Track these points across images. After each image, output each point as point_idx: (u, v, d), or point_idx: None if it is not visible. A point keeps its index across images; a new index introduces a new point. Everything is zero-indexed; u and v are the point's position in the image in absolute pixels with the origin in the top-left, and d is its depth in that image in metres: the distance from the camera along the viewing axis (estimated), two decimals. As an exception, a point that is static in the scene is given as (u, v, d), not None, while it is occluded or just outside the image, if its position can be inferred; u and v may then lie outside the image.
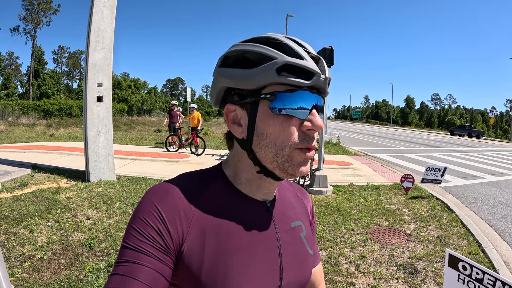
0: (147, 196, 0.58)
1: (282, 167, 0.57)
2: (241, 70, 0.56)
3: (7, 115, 22.01)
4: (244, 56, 0.57)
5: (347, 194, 6.19)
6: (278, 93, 0.55)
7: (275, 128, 0.56)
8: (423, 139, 25.49)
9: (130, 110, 38.74)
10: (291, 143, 0.56)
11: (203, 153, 10.47)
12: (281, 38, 0.57)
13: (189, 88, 16.14)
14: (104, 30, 6.15)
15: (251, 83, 0.56)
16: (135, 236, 0.54)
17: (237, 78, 0.57)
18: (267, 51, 0.55)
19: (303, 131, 0.57)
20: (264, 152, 0.57)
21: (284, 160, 0.57)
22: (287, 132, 0.56)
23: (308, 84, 0.55)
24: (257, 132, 0.57)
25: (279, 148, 0.56)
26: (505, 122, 67.19)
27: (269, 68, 0.54)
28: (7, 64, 47.43)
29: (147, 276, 0.51)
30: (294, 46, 0.56)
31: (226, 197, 0.62)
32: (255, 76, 0.55)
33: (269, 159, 0.57)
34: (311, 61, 0.55)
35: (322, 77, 0.56)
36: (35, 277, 2.82)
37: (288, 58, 0.54)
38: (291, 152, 0.56)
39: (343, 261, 3.49)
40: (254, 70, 0.55)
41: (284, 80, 0.54)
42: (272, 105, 0.55)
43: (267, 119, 0.56)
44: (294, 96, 0.55)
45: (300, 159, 0.57)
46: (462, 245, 4.02)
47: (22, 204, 4.46)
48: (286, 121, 0.56)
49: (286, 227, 0.67)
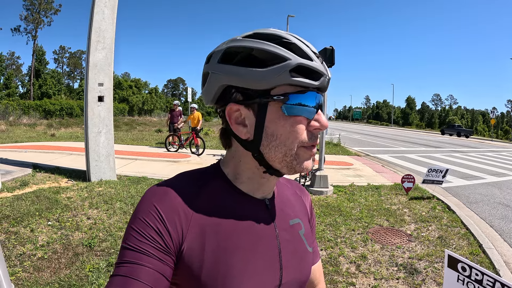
0: (146, 197, 0.58)
1: (290, 165, 0.58)
2: (249, 69, 0.54)
3: (8, 115, 22.05)
4: (251, 54, 0.55)
5: (347, 194, 6.19)
6: (291, 95, 0.54)
7: (285, 129, 0.56)
8: (424, 140, 25.47)
9: (131, 110, 38.76)
10: (300, 143, 0.57)
11: (203, 153, 10.48)
12: (290, 37, 0.56)
13: (190, 88, 16.13)
14: (105, 30, 6.16)
15: (262, 83, 0.54)
16: (135, 237, 0.53)
17: (245, 77, 0.54)
18: (279, 51, 0.53)
19: (310, 131, 0.58)
20: (274, 153, 0.57)
21: (292, 158, 0.57)
22: (296, 132, 0.56)
23: (317, 85, 0.56)
24: (266, 133, 0.56)
25: (289, 148, 0.57)
26: (506, 123, 67.16)
27: (283, 70, 0.53)
28: (8, 64, 47.51)
29: (148, 277, 0.51)
30: (302, 47, 0.56)
31: (225, 196, 0.62)
32: (267, 76, 0.53)
33: (278, 159, 0.58)
34: (318, 62, 0.56)
35: (327, 77, 0.57)
36: (35, 276, 2.83)
37: (300, 60, 0.54)
38: (297, 151, 0.57)
39: (344, 261, 3.49)
40: (266, 71, 0.53)
41: (295, 81, 0.54)
42: (285, 107, 0.55)
43: (278, 120, 0.56)
44: (306, 97, 0.56)
45: (306, 156, 0.59)
46: (462, 246, 4.02)
47: (23, 203, 4.47)
48: (296, 122, 0.56)
49: (285, 225, 0.67)
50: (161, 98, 48.80)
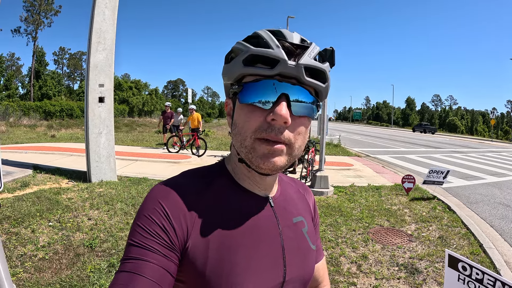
0: (151, 194, 0.59)
1: (248, 157, 0.57)
2: (225, 66, 0.61)
3: (8, 116, 22.03)
4: (232, 52, 0.60)
5: (348, 195, 6.19)
6: (245, 84, 0.56)
7: (241, 118, 0.57)
8: (424, 140, 25.47)
9: (131, 112, 38.73)
10: (251, 133, 0.55)
11: (204, 154, 10.48)
12: (259, 32, 0.58)
13: (190, 89, 16.07)
14: (105, 31, 6.17)
15: (228, 76, 0.60)
16: (140, 233, 0.54)
17: (223, 73, 0.62)
18: (240, 46, 0.58)
19: (268, 121, 0.54)
20: (235, 141, 0.59)
21: (247, 151, 0.57)
22: (249, 122, 0.56)
23: (273, 72, 0.54)
24: (233, 122, 0.60)
25: (243, 138, 0.57)
26: (506, 123, 67.12)
27: (238, 61, 0.57)
28: (8, 65, 47.52)
29: (153, 273, 0.51)
30: (265, 37, 0.56)
31: (229, 193, 0.62)
32: (230, 69, 0.59)
33: (238, 148, 0.59)
34: (278, 49, 0.53)
35: (290, 63, 0.53)
36: (36, 276, 2.83)
37: (253, 49, 0.55)
38: (253, 143, 0.56)
39: (345, 261, 3.49)
40: (229, 64, 0.59)
41: (250, 70, 0.55)
42: (239, 96, 0.57)
43: (238, 110, 0.59)
44: (258, 85, 0.54)
45: (263, 150, 0.55)
46: (463, 245, 4.02)
47: (24, 204, 4.47)
48: (250, 111, 0.56)
49: (288, 222, 0.67)
50: (161, 99, 48.78)
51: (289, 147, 0.57)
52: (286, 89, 0.54)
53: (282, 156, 0.56)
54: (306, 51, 0.55)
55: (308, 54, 0.55)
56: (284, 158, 0.57)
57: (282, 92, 0.54)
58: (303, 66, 0.54)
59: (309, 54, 0.55)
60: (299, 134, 0.57)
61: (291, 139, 0.56)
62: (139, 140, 15.37)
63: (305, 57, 0.54)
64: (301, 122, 0.57)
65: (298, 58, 0.54)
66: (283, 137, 0.55)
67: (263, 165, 0.56)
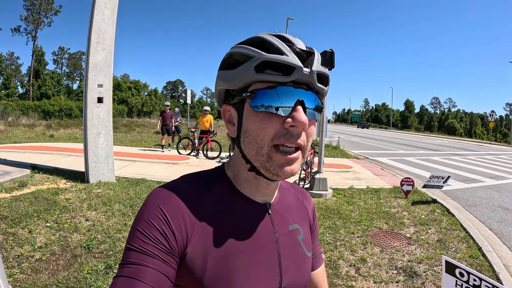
0: (151, 198, 0.58)
1: (265, 166, 0.57)
2: (228, 71, 0.59)
3: (7, 115, 21.99)
4: (232, 58, 0.59)
5: (347, 197, 6.18)
6: (258, 91, 0.55)
7: (255, 125, 0.56)
8: (423, 143, 25.51)
9: (130, 112, 38.70)
10: (269, 140, 0.55)
11: (218, 156, 10.28)
12: (265, 36, 0.56)
13: (189, 90, 16.03)
14: (105, 31, 6.16)
15: (235, 83, 0.57)
16: (139, 238, 0.53)
17: (226, 79, 0.59)
18: (248, 51, 0.56)
19: (286, 128, 0.55)
20: (248, 150, 0.58)
21: (265, 159, 0.56)
22: (266, 129, 0.55)
23: (289, 79, 0.54)
24: (243, 130, 0.58)
25: (259, 146, 0.56)
26: (505, 126, 67.24)
27: (248, 67, 0.55)
28: (8, 64, 47.46)
29: (152, 278, 0.51)
30: (275, 43, 0.55)
31: (228, 199, 0.62)
32: (237, 75, 0.56)
33: (253, 157, 0.58)
34: (292, 56, 0.53)
35: (305, 70, 0.54)
36: (33, 278, 2.81)
37: (266, 55, 0.54)
38: (270, 152, 0.55)
39: (343, 264, 3.48)
40: (236, 70, 0.57)
41: (263, 77, 0.54)
42: (252, 103, 0.55)
43: (249, 117, 0.57)
44: (273, 92, 0.54)
45: (281, 161, 0.56)
46: (462, 249, 4.01)
47: (21, 204, 4.45)
48: (266, 118, 0.55)
49: (284, 230, 0.67)
50: (161, 100, 48.76)
51: (302, 151, 0.58)
52: (301, 95, 0.55)
53: (298, 161, 0.58)
54: (314, 58, 0.56)
55: (317, 61, 0.56)
56: (299, 163, 0.58)
57: (298, 98, 0.55)
58: (316, 73, 0.55)
59: (317, 60, 0.56)
60: (310, 137, 0.59)
61: (306, 143, 0.58)
62: (138, 140, 15.35)
63: (316, 63, 0.56)
64: (311, 126, 0.59)
65: (311, 65, 0.55)
66: (300, 141, 0.56)
67: (282, 173, 0.56)
